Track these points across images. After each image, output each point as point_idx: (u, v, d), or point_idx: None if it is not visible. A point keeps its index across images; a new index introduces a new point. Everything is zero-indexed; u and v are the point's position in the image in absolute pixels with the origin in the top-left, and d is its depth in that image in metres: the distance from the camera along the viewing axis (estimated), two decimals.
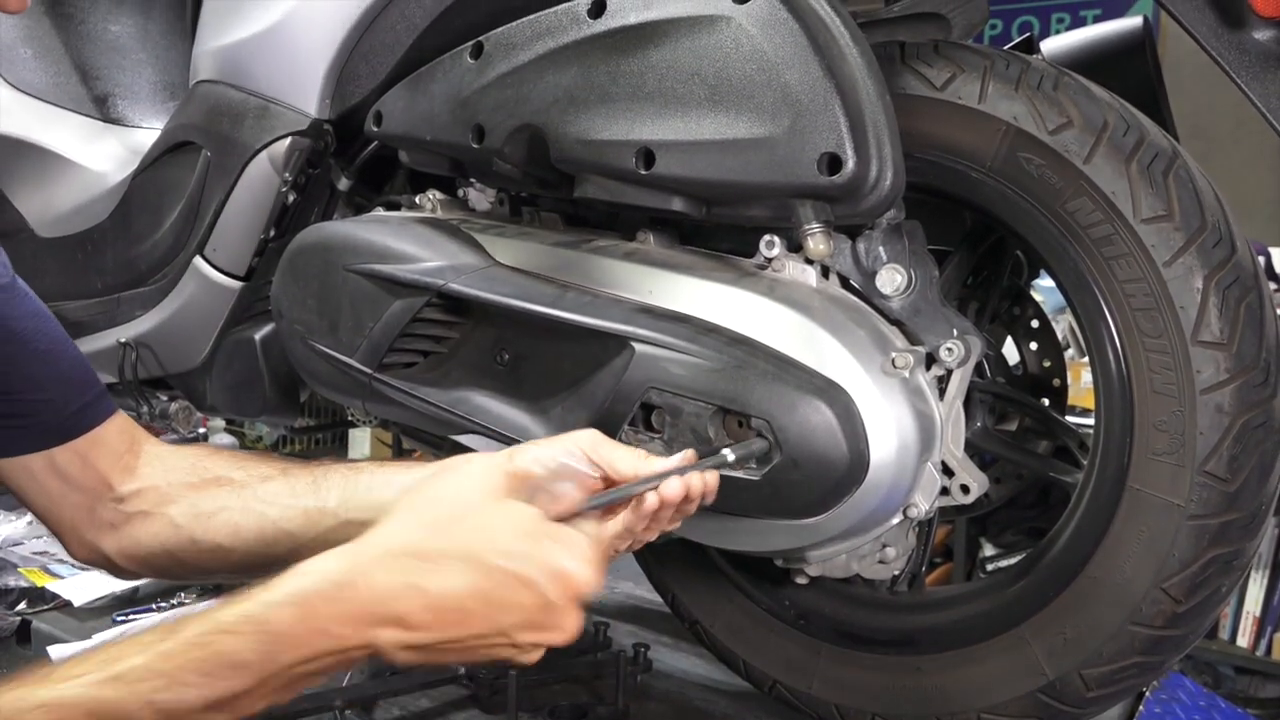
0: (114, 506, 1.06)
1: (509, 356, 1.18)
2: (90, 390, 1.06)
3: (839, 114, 0.92)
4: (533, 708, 1.25)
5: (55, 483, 1.04)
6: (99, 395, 1.07)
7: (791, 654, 1.20)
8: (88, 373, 1.07)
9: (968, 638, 1.09)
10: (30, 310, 1.03)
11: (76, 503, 1.05)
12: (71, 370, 1.05)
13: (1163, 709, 1.39)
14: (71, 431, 1.03)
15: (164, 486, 1.05)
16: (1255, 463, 0.94)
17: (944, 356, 1.01)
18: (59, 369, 1.03)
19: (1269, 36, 0.91)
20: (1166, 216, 0.95)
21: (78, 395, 1.04)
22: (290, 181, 1.40)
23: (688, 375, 1.01)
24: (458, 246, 1.21)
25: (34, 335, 1.02)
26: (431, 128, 1.21)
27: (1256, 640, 2.72)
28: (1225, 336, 0.93)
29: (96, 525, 1.05)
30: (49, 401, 1.02)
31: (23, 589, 1.57)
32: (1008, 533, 2.62)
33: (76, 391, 1.04)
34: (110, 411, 1.07)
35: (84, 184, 1.66)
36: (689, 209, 1.04)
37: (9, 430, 1.02)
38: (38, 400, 1.01)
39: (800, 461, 0.96)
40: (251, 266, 1.48)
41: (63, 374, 1.04)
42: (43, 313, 1.05)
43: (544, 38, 1.09)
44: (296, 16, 1.35)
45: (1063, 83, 1.00)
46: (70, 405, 1.03)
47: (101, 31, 1.74)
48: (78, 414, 1.04)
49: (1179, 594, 0.96)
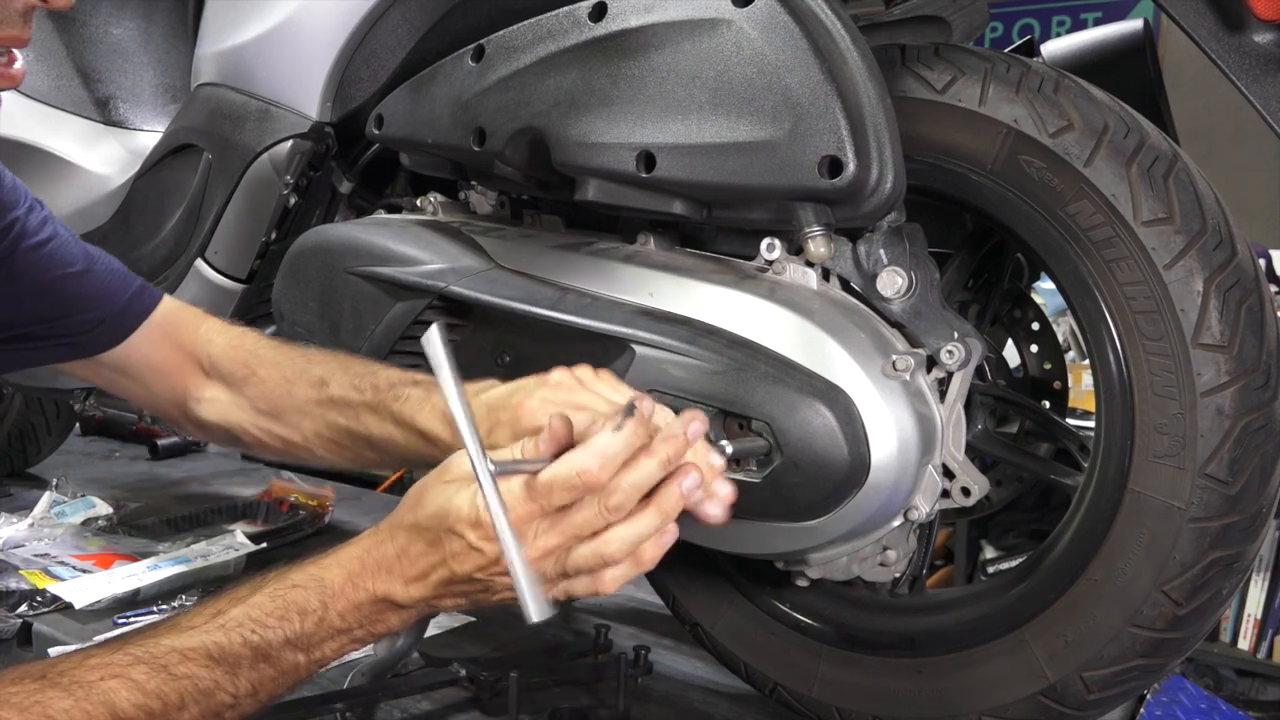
0: (193, 383, 1.18)
1: (510, 358, 1.18)
2: (127, 290, 1.16)
3: (840, 117, 0.92)
4: (533, 710, 1.25)
5: (143, 372, 1.18)
6: (138, 291, 1.17)
7: (792, 656, 1.20)
8: (121, 278, 1.17)
9: (969, 640, 1.09)
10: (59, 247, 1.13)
11: (164, 386, 1.19)
12: (105, 282, 1.15)
13: (1164, 712, 1.39)
14: (125, 330, 1.16)
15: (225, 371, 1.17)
16: (1256, 465, 0.94)
17: (945, 359, 1.01)
18: (93, 286, 1.14)
19: (1269, 39, 0.92)
20: (1167, 219, 0.95)
21: (115, 300, 1.15)
22: (291, 184, 1.40)
23: (688, 377, 1.01)
24: (459, 249, 1.21)
25: (66, 266, 1.13)
26: (433, 131, 1.21)
27: (1258, 643, 2.71)
28: (1226, 339, 0.93)
29: (186, 400, 1.19)
30: (93, 315, 1.14)
31: (24, 591, 1.57)
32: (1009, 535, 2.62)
33: (114, 299, 1.15)
34: (156, 299, 1.18)
35: (85, 187, 1.67)
36: (689, 212, 1.04)
37: (67, 346, 1.15)
38: (83, 319, 1.14)
39: (801, 464, 0.96)
40: (253, 269, 1.48)
41: (98, 290, 1.15)
42: (68, 238, 1.15)
43: (545, 41, 1.09)
44: (298, 19, 1.35)
45: (1063, 85, 1.00)
46: (112, 310, 1.15)
47: (103, 35, 1.74)
48: (122, 314, 1.16)
49: (1180, 597, 0.96)
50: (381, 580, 0.81)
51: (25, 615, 1.51)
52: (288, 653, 0.80)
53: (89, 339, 1.15)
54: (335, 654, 0.83)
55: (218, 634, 0.79)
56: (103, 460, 2.59)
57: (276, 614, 0.80)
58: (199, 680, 0.77)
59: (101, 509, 1.96)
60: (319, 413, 1.09)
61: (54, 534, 1.84)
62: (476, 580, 0.80)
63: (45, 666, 0.77)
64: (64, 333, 1.14)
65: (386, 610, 0.83)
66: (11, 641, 1.48)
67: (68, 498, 2.00)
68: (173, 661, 0.77)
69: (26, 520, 1.89)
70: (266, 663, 0.80)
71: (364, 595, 0.82)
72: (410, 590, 0.81)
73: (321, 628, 0.81)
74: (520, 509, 0.76)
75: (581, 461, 0.76)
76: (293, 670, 0.81)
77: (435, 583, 0.81)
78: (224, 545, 1.75)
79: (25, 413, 2.28)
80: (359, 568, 0.82)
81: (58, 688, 0.74)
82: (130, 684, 0.75)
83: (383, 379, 1.06)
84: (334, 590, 0.82)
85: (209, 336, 1.19)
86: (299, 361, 1.13)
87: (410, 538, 0.81)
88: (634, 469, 0.76)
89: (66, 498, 2.00)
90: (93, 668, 0.76)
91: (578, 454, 0.76)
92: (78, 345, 1.16)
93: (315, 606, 0.81)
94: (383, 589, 0.81)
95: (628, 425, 0.76)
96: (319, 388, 1.09)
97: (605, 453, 0.76)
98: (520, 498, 0.76)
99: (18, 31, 0.88)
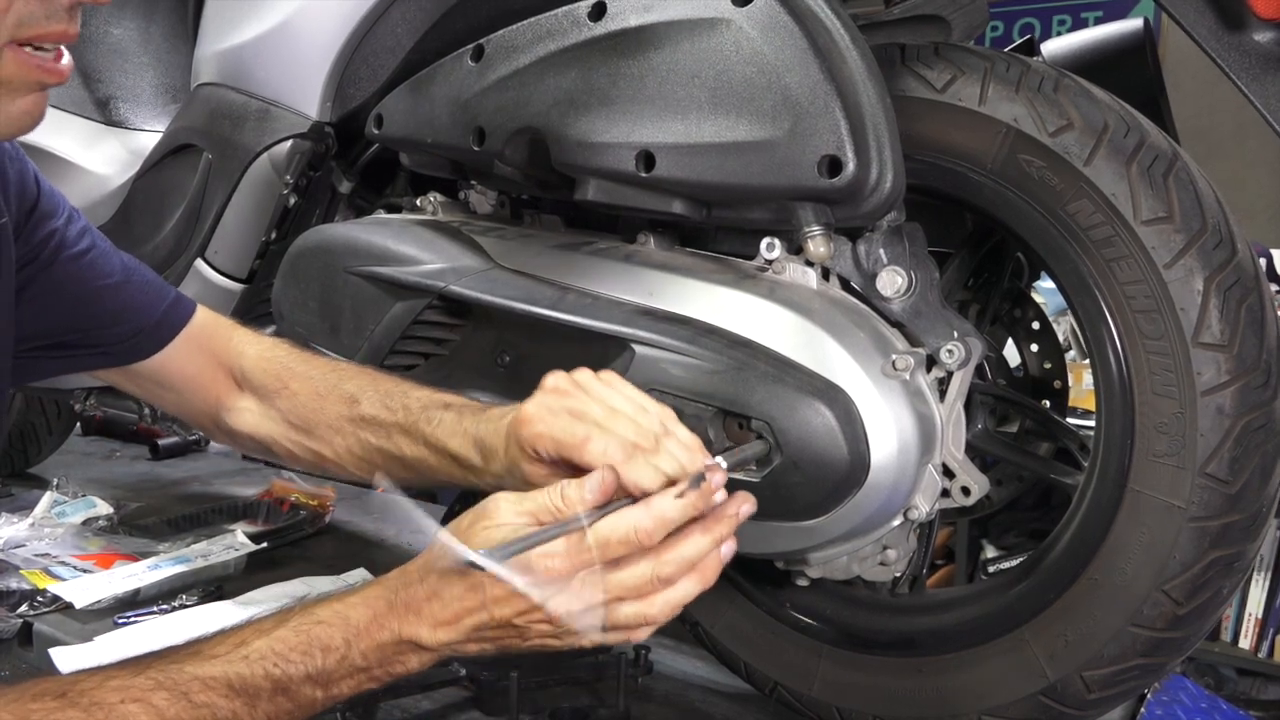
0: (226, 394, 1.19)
1: (509, 358, 1.18)
2: (163, 301, 1.18)
3: (839, 116, 0.92)
4: (534, 710, 1.25)
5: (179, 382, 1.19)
6: (174, 303, 1.19)
7: (792, 656, 1.20)
8: (157, 289, 1.19)
9: (969, 640, 1.09)
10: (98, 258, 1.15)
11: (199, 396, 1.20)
12: (142, 294, 1.17)
13: (1164, 711, 1.39)
14: (161, 342, 1.17)
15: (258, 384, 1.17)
16: (1256, 464, 0.94)
17: (945, 358, 1.01)
18: (131, 297, 1.16)
19: (1269, 38, 0.92)
20: (1167, 218, 0.95)
21: (152, 312, 1.17)
22: (291, 184, 1.40)
23: (688, 377, 1.01)
24: (459, 249, 1.21)
25: (104, 278, 1.14)
26: (432, 130, 1.21)
27: (1258, 642, 2.71)
28: (1226, 338, 0.93)
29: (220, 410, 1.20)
30: (130, 326, 1.15)
31: (24, 591, 1.57)
32: (1009, 535, 2.62)
33: (150, 310, 1.17)
34: (191, 309, 1.20)
35: (86, 187, 1.66)
36: (689, 211, 1.04)
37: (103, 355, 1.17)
38: (120, 330, 1.15)
39: (801, 463, 0.96)
40: (253, 269, 1.48)
41: (135, 301, 1.16)
42: (106, 249, 1.16)
43: (545, 40, 1.09)
44: (298, 19, 1.35)
45: (1063, 85, 1.00)
46: (148, 322, 1.16)
47: (103, 35, 1.74)
48: (158, 325, 1.17)
49: (1180, 596, 0.96)
50: (409, 623, 0.81)
51: (26, 615, 1.51)
52: (306, 688, 0.81)
53: (125, 349, 1.16)
54: (351, 691, 0.83)
55: (240, 665, 0.79)
56: (103, 460, 2.59)
57: (300, 649, 0.80)
58: (217, 709, 0.78)
59: (102, 509, 1.96)
60: (351, 430, 1.09)
61: (55, 534, 1.84)
62: (513, 626, 0.80)
63: (66, 684, 0.77)
64: (101, 342, 1.16)
65: (408, 652, 0.82)
66: (12, 641, 1.48)
67: (68, 498, 2.00)
68: (194, 689, 0.77)
69: (27, 520, 1.88)
70: (285, 696, 0.80)
71: (388, 636, 0.82)
72: (438, 634, 0.81)
73: (342, 665, 0.81)
74: (571, 559, 0.77)
75: (640, 522, 0.77)
76: (309, 705, 0.82)
77: (468, 627, 0.80)
78: (224, 545, 1.75)
79: (26, 413, 2.28)
80: (384, 608, 0.82)
81: (77, 708, 0.74)
82: (151, 709, 0.76)
83: (414, 400, 1.06)
84: (358, 629, 0.81)
85: (240, 348, 1.19)
86: (330, 377, 1.13)
87: (444, 581, 0.81)
88: (690, 543, 0.79)
89: (67, 498, 2.00)
90: (114, 689, 0.76)
91: (637, 513, 0.78)
92: (114, 355, 1.17)
93: (339, 644, 0.81)
94: (409, 631, 0.81)
95: (690, 495, 0.78)
96: (350, 405, 1.09)
97: (664, 518, 0.78)
98: (574, 548, 0.77)
99: (64, 26, 0.87)
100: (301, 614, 0.83)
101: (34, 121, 0.90)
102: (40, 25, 0.85)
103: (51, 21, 0.86)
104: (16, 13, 0.83)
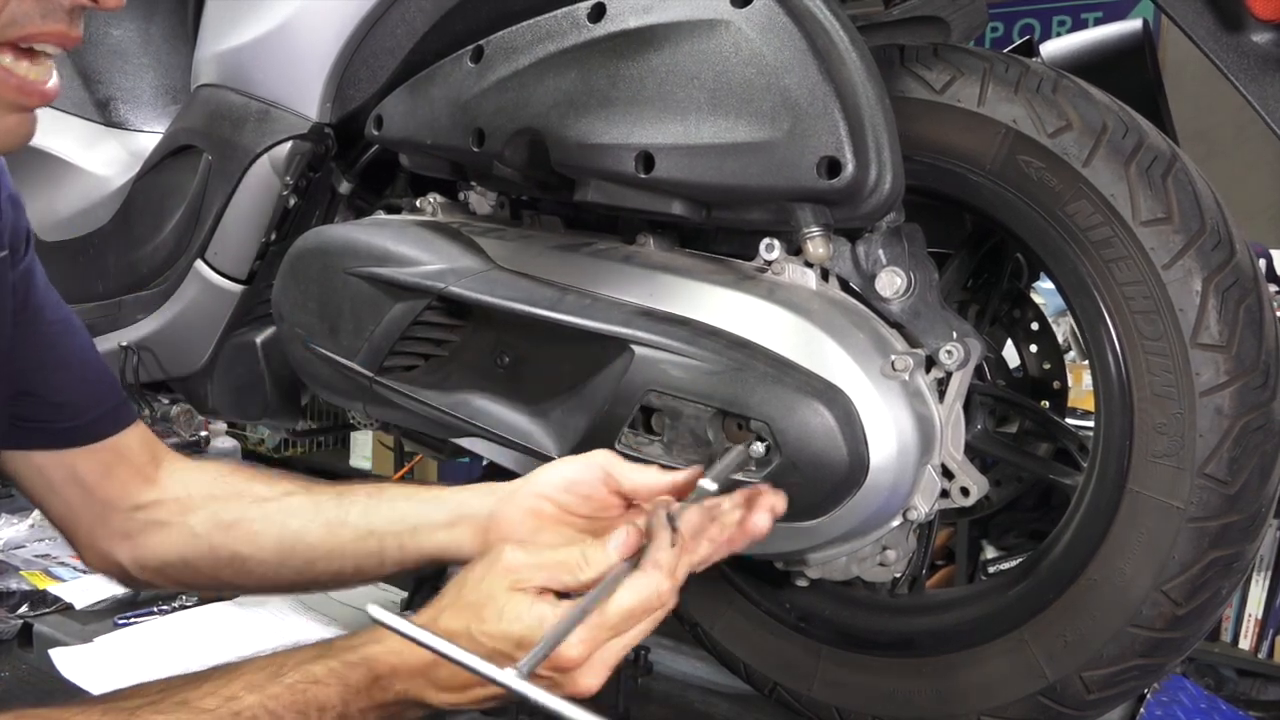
0: (131, 515, 1.08)
1: (509, 359, 1.18)
2: (111, 398, 1.09)
3: (838, 117, 0.92)
4: (533, 711, 1.25)
5: (74, 490, 1.07)
6: (120, 404, 1.10)
7: (792, 656, 1.20)
8: (110, 383, 1.10)
9: (968, 640, 1.09)
10: (59, 316, 1.06)
11: (94, 511, 1.08)
12: (94, 377, 1.08)
13: (1164, 712, 1.39)
14: (90, 436, 1.06)
15: (184, 497, 1.09)
16: (1255, 465, 0.94)
17: (944, 359, 1.01)
18: (82, 375, 1.07)
19: (1267, 39, 0.92)
20: (1166, 219, 0.95)
21: (98, 403, 1.07)
22: (291, 185, 1.40)
23: (687, 378, 1.01)
24: (458, 249, 1.21)
25: (60, 339, 1.05)
26: (432, 131, 1.21)
27: (1258, 643, 2.72)
28: (1225, 339, 0.93)
29: (112, 534, 1.08)
30: (70, 405, 1.05)
31: (24, 592, 1.57)
32: (1009, 535, 2.62)
33: (97, 399, 1.07)
34: (130, 420, 1.10)
35: (85, 188, 1.66)
36: (688, 212, 1.04)
37: (28, 430, 1.04)
38: (59, 403, 1.04)
39: (800, 464, 0.96)
40: (253, 270, 1.48)
41: (86, 380, 1.07)
42: (71, 320, 1.08)
43: (544, 42, 1.09)
44: (297, 20, 1.35)
45: (1062, 85, 1.00)
46: (90, 412, 1.06)
47: (103, 36, 1.74)
48: (97, 421, 1.07)
49: (1179, 596, 0.96)
50: (416, 685, 0.80)
51: (26, 616, 1.51)
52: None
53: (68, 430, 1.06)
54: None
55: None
56: None
57: (294, 708, 0.78)
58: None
59: None
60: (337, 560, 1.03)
61: (55, 535, 1.84)
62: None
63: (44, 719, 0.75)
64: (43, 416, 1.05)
65: (409, 708, 0.81)
66: (12, 642, 1.48)
67: None
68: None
69: (27, 521, 1.89)
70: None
71: (390, 696, 0.80)
72: (444, 696, 0.80)
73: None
74: (601, 635, 0.77)
75: (659, 585, 0.77)
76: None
77: (479, 696, 0.79)
78: None
79: None
80: (387, 670, 0.80)
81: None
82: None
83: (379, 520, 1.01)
84: (357, 689, 0.80)
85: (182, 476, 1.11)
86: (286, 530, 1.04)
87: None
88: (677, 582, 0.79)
89: None
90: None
91: (651, 578, 0.77)
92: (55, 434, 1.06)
93: (335, 703, 0.79)
94: (416, 693, 0.80)
95: (677, 539, 0.79)
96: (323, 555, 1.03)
97: (669, 567, 0.78)
98: (609, 625, 0.77)
99: (64, 28, 0.80)
100: (296, 670, 0.80)
101: (20, 141, 0.84)
102: (35, 25, 0.78)
103: (48, 21, 0.79)
104: (10, 12, 0.77)
